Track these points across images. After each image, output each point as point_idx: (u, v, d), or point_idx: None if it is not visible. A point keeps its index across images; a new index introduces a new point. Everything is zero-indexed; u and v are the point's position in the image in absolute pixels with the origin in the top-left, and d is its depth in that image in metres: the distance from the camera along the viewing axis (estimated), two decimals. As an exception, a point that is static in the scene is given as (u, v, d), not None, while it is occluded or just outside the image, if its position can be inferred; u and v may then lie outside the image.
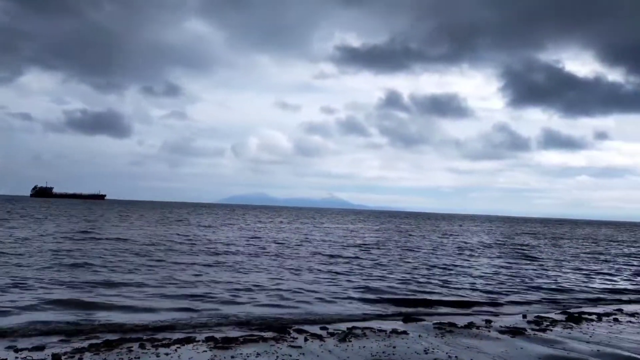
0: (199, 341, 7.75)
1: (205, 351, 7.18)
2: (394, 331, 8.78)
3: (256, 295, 12.33)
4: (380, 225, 68.38)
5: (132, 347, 7.25)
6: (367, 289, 14.00)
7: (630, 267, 24.08)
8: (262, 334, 8.41)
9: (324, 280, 15.23)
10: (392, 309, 11.67)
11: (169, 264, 17.39)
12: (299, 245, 28.14)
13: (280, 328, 8.84)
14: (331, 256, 22.44)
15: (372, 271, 17.96)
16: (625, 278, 19.82)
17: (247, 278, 14.89)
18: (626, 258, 29.68)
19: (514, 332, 9.02)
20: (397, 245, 31.61)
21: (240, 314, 10.16)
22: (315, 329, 8.88)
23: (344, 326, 9.23)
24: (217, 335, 8.12)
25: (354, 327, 9.08)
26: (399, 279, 16.19)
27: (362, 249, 27.43)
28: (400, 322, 9.94)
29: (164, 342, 7.65)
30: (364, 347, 7.54)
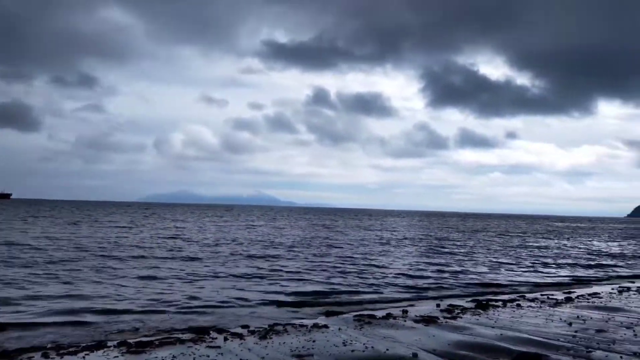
0: (110, 347, 7.34)
1: (117, 357, 6.82)
2: (315, 325, 8.89)
3: (173, 300, 11.90)
4: (307, 222, 69.00)
5: (32, 356, 6.72)
6: (290, 286, 14.06)
7: (533, 258, 26.27)
8: (180, 335, 8.15)
9: (246, 281, 15.06)
10: (314, 303, 11.82)
11: (74, 270, 16.31)
12: (219, 244, 27.60)
13: (199, 329, 8.62)
14: (253, 255, 22.23)
15: (295, 268, 18.05)
16: (526, 267, 21.59)
17: (162, 286, 14.15)
18: (530, 250, 32.36)
19: (428, 320, 9.50)
20: (322, 242, 32.05)
21: (151, 322, 9.62)
22: (236, 328, 8.76)
23: (266, 324, 9.20)
24: (131, 340, 7.75)
25: (276, 324, 9.08)
26: (322, 275, 16.42)
27: (287, 246, 27.49)
28: (322, 317, 10.09)
29: (70, 349, 7.17)
30: (284, 342, 7.56)
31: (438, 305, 11.62)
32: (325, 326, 8.83)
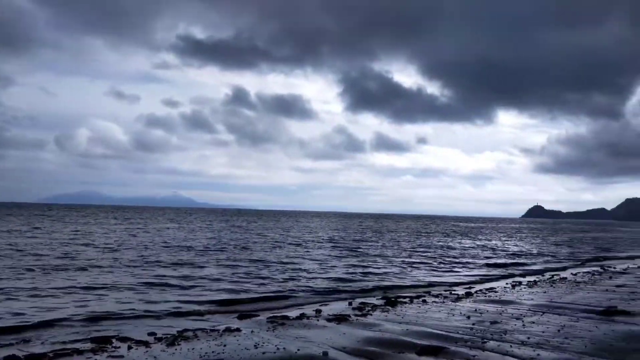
0: (-6, 363, 6.64)
1: (2, 373, 6.18)
2: (227, 329, 8.72)
3: (70, 312, 11.06)
4: (224, 224, 67.61)
5: None
6: (202, 292, 13.68)
7: (440, 257, 27.94)
8: (79, 346, 7.58)
9: (153, 288, 14.34)
10: (227, 308, 11.60)
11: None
12: (124, 249, 26.18)
13: (100, 339, 8.07)
14: (162, 261, 21.34)
15: (208, 273, 17.60)
16: (434, 266, 22.91)
17: (59, 296, 13.16)
18: (438, 249, 34.36)
19: (340, 319, 9.71)
20: (238, 244, 31.58)
21: (46, 335, 8.86)
22: (142, 335, 8.33)
23: (174, 330, 8.85)
24: (20, 353, 7.07)
25: (185, 330, 8.76)
26: (235, 279, 16.17)
27: (200, 250, 26.74)
28: (235, 320, 9.92)
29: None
30: (193, 348, 7.32)
31: (350, 304, 11.93)
32: (238, 330, 8.69)
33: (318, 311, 10.77)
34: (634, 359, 6.41)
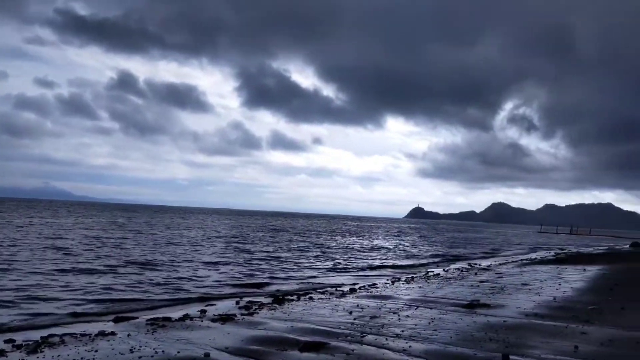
0: None
1: None
2: (101, 333, 8.09)
3: None
4: (102, 219, 62.86)
5: None
6: (72, 295, 12.57)
7: (330, 255, 28.82)
8: None
9: (12, 292, 12.91)
10: (103, 310, 10.79)
11: None
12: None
13: (-58, 349, 7.00)
14: (16, 261, 19.26)
15: (79, 274, 16.24)
16: (322, 262, 23.58)
17: None
18: (330, 248, 35.40)
19: (225, 318, 9.54)
20: (116, 243, 29.59)
21: None
22: (-4, 344, 7.40)
23: (37, 335, 7.99)
24: None
25: (51, 335, 7.97)
26: (110, 278, 15.13)
27: (69, 250, 24.57)
28: (111, 323, 9.26)
29: None
30: (59, 356, 6.67)
31: (237, 303, 11.79)
32: (113, 333, 8.11)
33: (203, 311, 10.48)
34: (488, 347, 7.19)
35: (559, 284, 15.26)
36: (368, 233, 65.14)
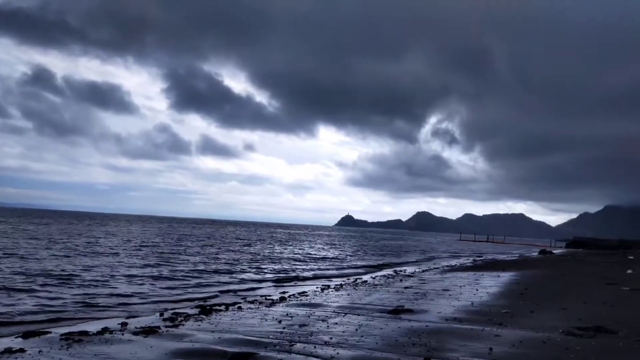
0: None
1: None
2: (8, 350, 7.43)
3: None
4: (9, 227, 57.91)
5: None
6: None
7: (258, 262, 28.54)
8: None
9: None
10: (9, 324, 9.92)
11: None
12: None
13: None
14: None
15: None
16: (254, 272, 23.31)
17: None
18: (260, 255, 35.05)
19: (148, 331, 9.13)
20: (26, 253, 27.41)
21: None
22: None
23: None
24: None
25: (-53, 355, 7.19)
26: (18, 292, 13.98)
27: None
28: (19, 339, 8.53)
29: None
30: (-44, 378, 6.04)
31: (162, 314, 11.34)
32: (22, 350, 7.48)
33: (124, 324, 9.97)
34: (411, 351, 7.48)
35: (477, 290, 16.21)
36: (299, 241, 65.32)
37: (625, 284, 17.41)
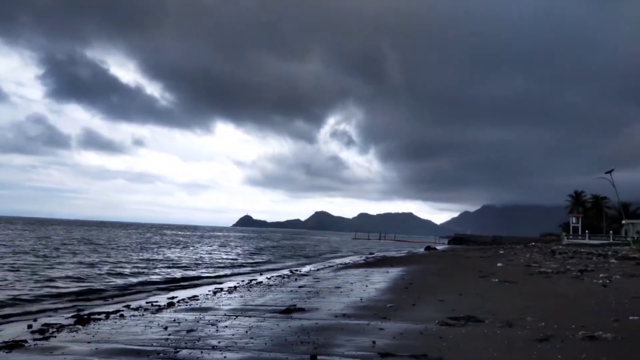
0: None
1: None
2: None
3: None
4: None
5: None
6: None
7: (146, 266, 27.03)
8: None
9: None
10: None
11: None
12: None
13: None
14: None
15: None
16: (142, 275, 22.01)
17: None
18: (147, 259, 33.17)
19: (13, 345, 8.16)
20: None
21: None
22: None
23: None
24: None
25: None
26: None
27: None
28: None
29: None
30: None
31: (30, 326, 10.23)
32: None
33: (-19, 340, 8.79)
34: (299, 349, 7.58)
35: (366, 286, 16.96)
36: (193, 243, 63.12)
37: (495, 276, 19.40)
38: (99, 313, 11.73)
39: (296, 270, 26.22)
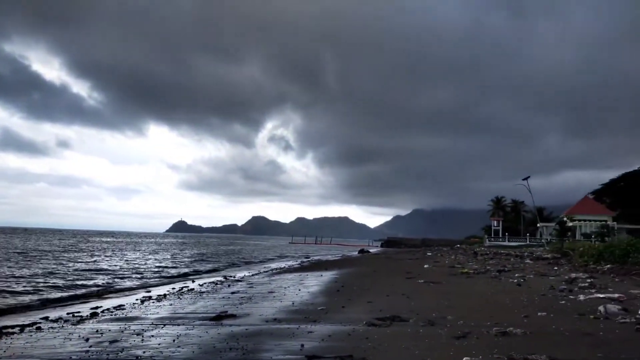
0: None
1: None
2: None
3: None
4: None
5: None
6: None
7: (69, 275, 25.51)
8: None
9: None
10: None
11: None
12: None
13: None
14: None
15: None
16: (62, 286, 20.73)
17: None
18: (71, 267, 31.28)
19: None
20: None
21: None
22: None
23: None
24: None
25: None
26: None
27: None
28: None
29: None
30: None
31: None
32: None
33: None
34: (228, 356, 7.55)
35: (299, 290, 17.11)
36: (123, 250, 60.29)
37: (422, 277, 20.28)
38: (13, 326, 10.93)
39: (230, 277, 25.85)
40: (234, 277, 25.61)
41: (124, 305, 14.52)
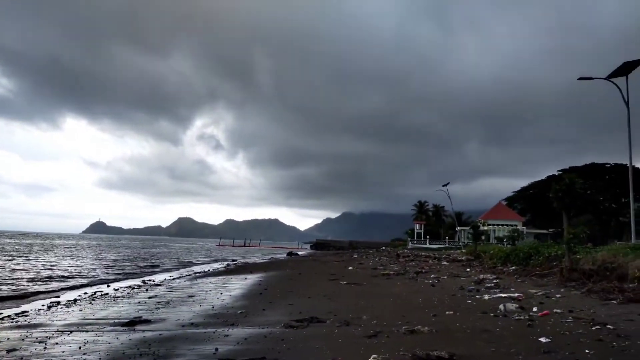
0: None
1: None
2: None
3: None
4: None
5: None
6: None
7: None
8: None
9: None
10: None
11: None
12: None
13: None
14: None
15: None
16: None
17: None
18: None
19: None
20: None
21: None
22: None
23: None
24: None
25: None
26: None
27: None
28: None
29: None
30: None
31: None
32: None
33: None
34: (136, 362, 7.33)
35: (221, 293, 16.88)
36: (31, 252, 55.85)
37: (344, 279, 20.78)
38: None
39: (149, 281, 24.87)
40: (154, 281, 24.68)
41: (28, 312, 13.52)
